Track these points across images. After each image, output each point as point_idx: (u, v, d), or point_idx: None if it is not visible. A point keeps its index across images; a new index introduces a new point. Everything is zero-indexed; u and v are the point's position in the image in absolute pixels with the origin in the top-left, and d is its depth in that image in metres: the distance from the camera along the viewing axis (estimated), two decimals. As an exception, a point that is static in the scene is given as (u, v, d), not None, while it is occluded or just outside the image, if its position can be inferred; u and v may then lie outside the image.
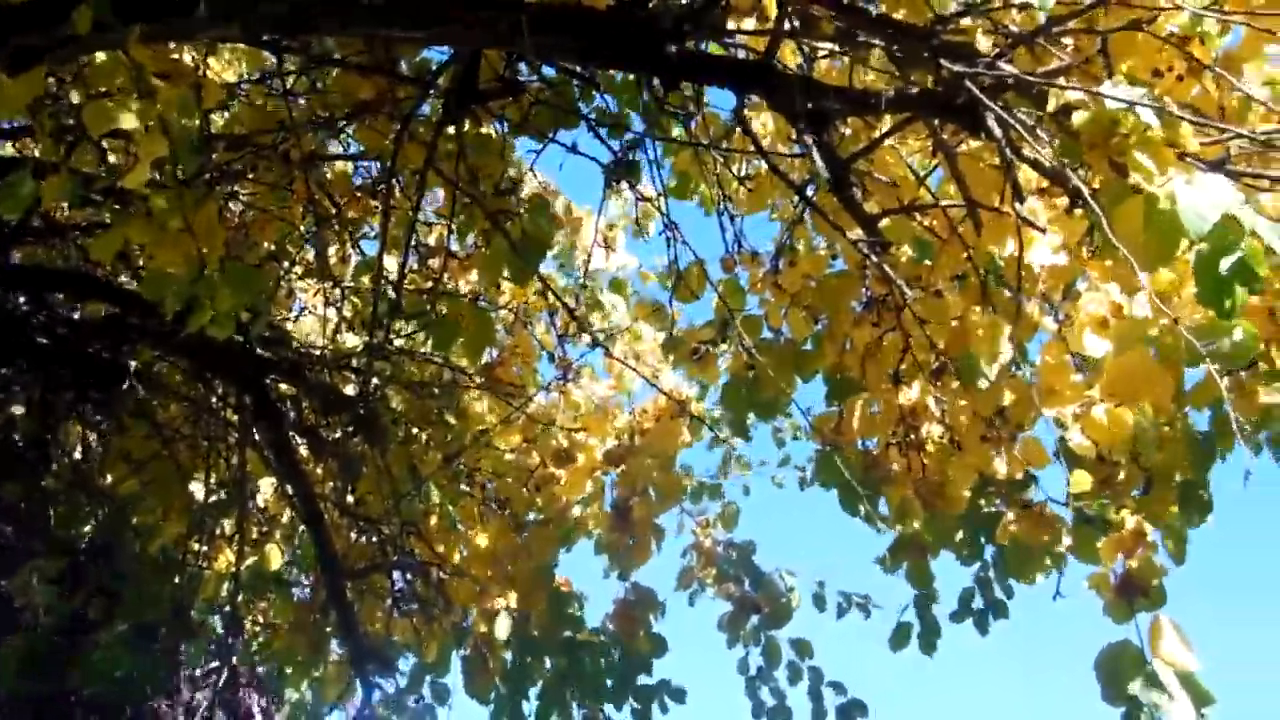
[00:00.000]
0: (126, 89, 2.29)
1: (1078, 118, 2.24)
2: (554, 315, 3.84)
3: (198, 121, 2.55)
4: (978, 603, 3.13)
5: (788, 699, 4.28)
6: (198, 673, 4.81)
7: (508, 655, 4.13)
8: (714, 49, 2.81)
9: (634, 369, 3.53)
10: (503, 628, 3.97)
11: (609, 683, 4.10)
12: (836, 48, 2.80)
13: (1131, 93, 2.16)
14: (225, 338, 2.04)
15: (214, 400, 3.74)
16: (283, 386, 3.55)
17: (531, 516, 4.01)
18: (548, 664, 4.15)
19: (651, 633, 4.01)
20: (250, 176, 3.39)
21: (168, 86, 2.06)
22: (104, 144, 3.09)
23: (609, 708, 4.16)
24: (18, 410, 3.92)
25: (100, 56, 2.49)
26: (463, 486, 4.00)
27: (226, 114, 3.49)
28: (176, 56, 2.74)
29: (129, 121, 1.99)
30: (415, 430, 3.79)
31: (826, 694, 4.17)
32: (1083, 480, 2.46)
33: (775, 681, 4.27)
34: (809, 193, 2.76)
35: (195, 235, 2.10)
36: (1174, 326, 2.14)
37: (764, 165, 2.98)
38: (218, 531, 4.09)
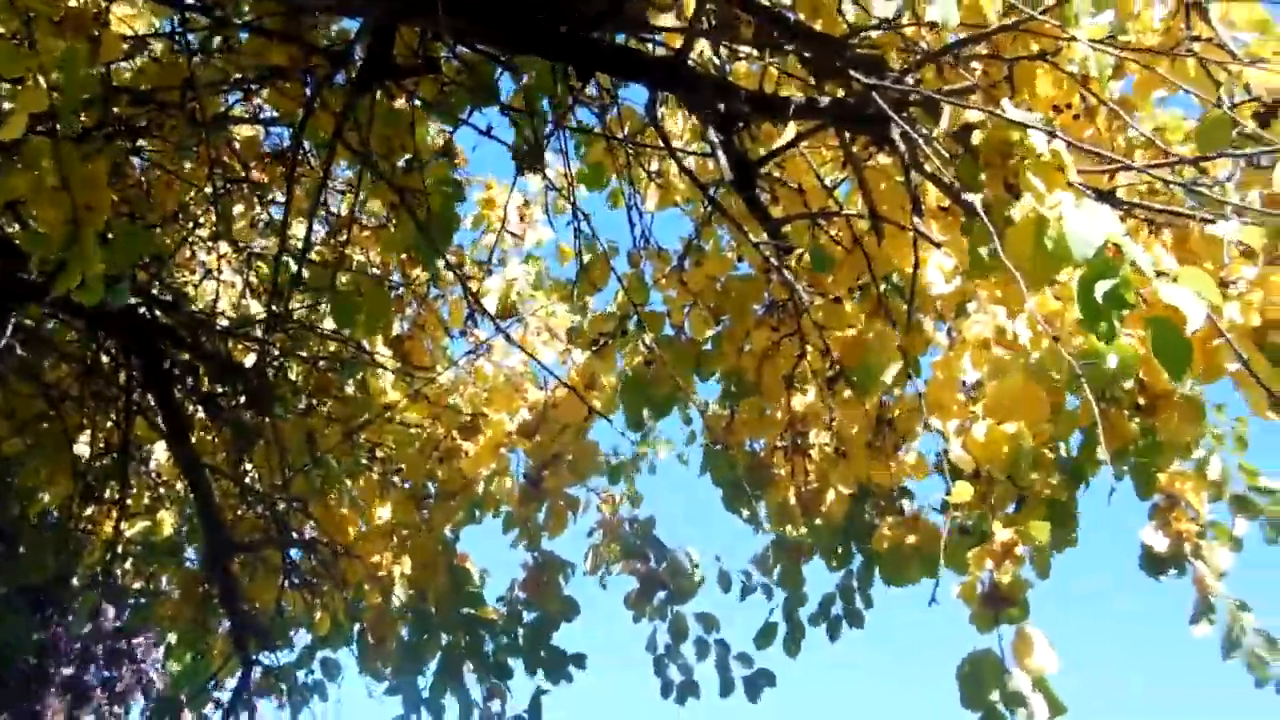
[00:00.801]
0: (20, 35, 2.20)
1: (977, 136, 2.30)
2: (465, 291, 3.80)
3: (94, 73, 2.47)
4: (836, 609, 3.20)
5: (695, 674, 4.31)
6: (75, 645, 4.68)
7: (404, 632, 4.10)
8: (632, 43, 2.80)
9: (529, 353, 3.51)
10: (398, 601, 3.93)
11: (510, 659, 4.10)
12: (754, 52, 2.82)
13: (1029, 116, 2.22)
14: (94, 303, 1.97)
15: (105, 361, 3.63)
16: (178, 351, 3.46)
17: (434, 491, 3.97)
18: (445, 640, 4.13)
19: (563, 595, 3.98)
20: (156, 134, 3.29)
21: (50, 37, 1.97)
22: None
23: (510, 683, 4.15)
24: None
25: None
26: (363, 461, 3.95)
27: (134, 66, 3.38)
28: (75, 4, 2.64)
29: (6, 70, 1.91)
30: (315, 403, 3.72)
31: (734, 666, 4.20)
32: (964, 491, 2.52)
33: (683, 658, 4.30)
34: (717, 193, 2.78)
35: (72, 192, 2.02)
36: (1055, 347, 2.21)
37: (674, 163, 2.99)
38: (106, 496, 3.97)
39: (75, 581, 3.98)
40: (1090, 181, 2.45)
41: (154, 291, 3.46)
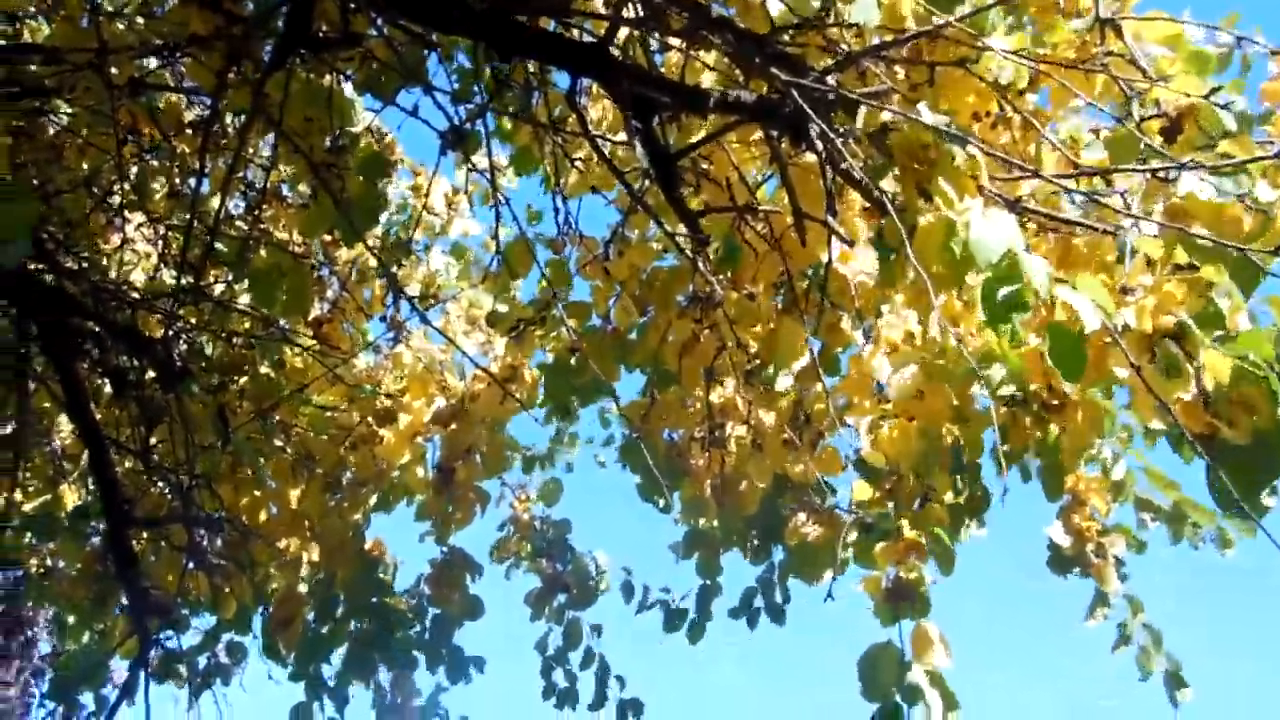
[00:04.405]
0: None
1: (892, 139, 2.33)
2: (387, 275, 3.74)
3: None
4: (758, 602, 3.22)
5: (578, 682, 4.32)
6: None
7: (311, 617, 4.03)
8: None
9: (450, 339, 3.47)
10: (305, 587, 3.87)
11: (415, 653, 4.07)
12: (681, 43, 2.82)
13: (942, 120, 2.25)
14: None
15: (4, 325, 3.49)
16: (84, 321, 3.34)
17: (349, 476, 3.91)
18: (352, 627, 4.08)
19: (468, 595, 3.97)
20: (69, 96, 3.18)
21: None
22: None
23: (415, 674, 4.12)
24: None
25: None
26: (276, 442, 3.87)
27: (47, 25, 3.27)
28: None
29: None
30: (227, 380, 3.63)
31: (612, 684, 4.22)
32: (864, 490, 2.56)
33: (569, 664, 4.30)
34: (641, 183, 2.77)
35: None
36: (958, 348, 2.25)
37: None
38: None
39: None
40: (1001, 189, 2.50)
41: (59, 259, 3.35)
